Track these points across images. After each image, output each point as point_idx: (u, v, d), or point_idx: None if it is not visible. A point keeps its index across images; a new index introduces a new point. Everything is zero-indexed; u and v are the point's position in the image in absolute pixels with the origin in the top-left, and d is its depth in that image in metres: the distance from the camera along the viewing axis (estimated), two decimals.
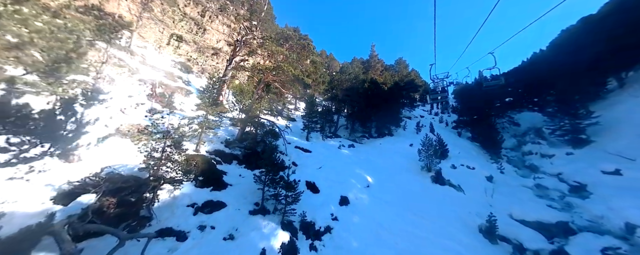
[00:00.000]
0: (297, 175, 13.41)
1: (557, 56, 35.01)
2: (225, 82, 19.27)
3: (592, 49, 29.94)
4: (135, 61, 17.52)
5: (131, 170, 6.94)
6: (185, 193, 8.06)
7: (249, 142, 13.68)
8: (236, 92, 17.77)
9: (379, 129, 28.91)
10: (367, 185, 15.20)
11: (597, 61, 29.52)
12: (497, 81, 9.62)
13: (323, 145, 20.18)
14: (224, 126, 15.30)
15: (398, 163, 19.89)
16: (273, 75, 12.87)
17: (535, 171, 22.90)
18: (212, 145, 12.18)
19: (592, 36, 30.79)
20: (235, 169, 11.22)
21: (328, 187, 13.44)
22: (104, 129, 9.24)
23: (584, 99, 28.36)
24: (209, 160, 10.30)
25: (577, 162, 21.49)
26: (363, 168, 17.39)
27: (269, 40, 12.23)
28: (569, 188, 18.01)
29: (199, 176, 9.26)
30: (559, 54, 35.13)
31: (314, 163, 15.98)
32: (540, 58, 41.52)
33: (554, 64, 34.20)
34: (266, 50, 12.43)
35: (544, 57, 40.52)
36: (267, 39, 12.35)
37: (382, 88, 33.47)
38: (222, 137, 13.66)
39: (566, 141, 25.49)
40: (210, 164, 10.17)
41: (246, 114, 13.65)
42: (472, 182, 18.09)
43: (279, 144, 16.08)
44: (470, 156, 24.79)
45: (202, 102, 11.00)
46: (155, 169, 6.89)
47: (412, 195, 15.28)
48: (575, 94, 28.20)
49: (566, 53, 33.87)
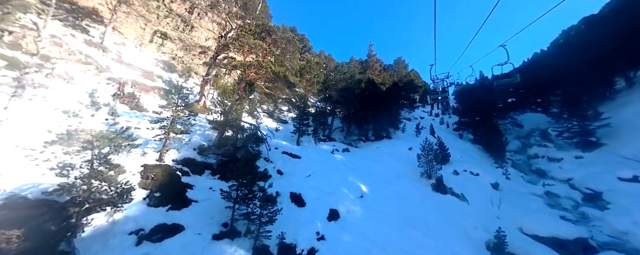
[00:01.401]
0: (281, 186, 11.90)
1: (560, 56, 33.81)
2: (208, 81, 17.78)
3: (598, 48, 28.74)
4: (107, 58, 16.01)
5: (43, 192, 5.33)
6: (131, 216, 6.53)
7: (227, 148, 12.16)
8: (221, 92, 16.31)
9: (377, 131, 27.42)
10: (360, 195, 13.67)
11: (603, 60, 28.33)
12: (511, 79, 8.14)
13: (315, 149, 18.65)
14: (201, 130, 13.79)
15: (396, 169, 18.37)
16: (254, 73, 11.43)
17: (543, 176, 21.42)
18: (182, 152, 10.65)
19: (597, 35, 29.64)
20: (206, 181, 9.68)
21: (316, 199, 11.91)
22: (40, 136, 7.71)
23: (591, 99, 27.05)
24: (172, 172, 8.78)
25: (588, 166, 20.02)
26: (357, 175, 15.86)
27: (246, 33, 10.76)
28: (583, 196, 16.52)
29: (156, 192, 7.72)
30: (562, 54, 33.94)
31: (303, 170, 14.46)
32: (541, 58, 40.28)
33: (557, 64, 32.97)
34: (242, 44, 10.99)
35: (545, 57, 39.29)
36: (244, 31, 10.88)
37: (379, 88, 32.02)
38: (196, 142, 12.13)
39: (575, 144, 24.07)
40: (173, 176, 8.65)
41: (225, 116, 12.15)
42: (476, 190, 16.58)
43: (264, 149, 14.57)
44: (473, 160, 23.30)
45: (168, 102, 9.48)
46: (77, 190, 5.36)
47: (411, 206, 13.76)
48: (583, 94, 26.88)
49: (570, 53, 32.66)
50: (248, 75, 11.62)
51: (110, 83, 13.72)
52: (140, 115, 12.35)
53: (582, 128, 24.08)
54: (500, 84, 8.69)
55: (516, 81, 8.05)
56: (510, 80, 8.25)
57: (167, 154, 9.84)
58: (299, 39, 66.66)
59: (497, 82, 8.79)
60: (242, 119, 13.07)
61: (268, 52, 11.30)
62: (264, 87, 13.44)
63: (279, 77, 11.07)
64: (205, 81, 17.79)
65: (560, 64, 32.02)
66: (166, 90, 9.82)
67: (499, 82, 8.70)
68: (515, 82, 8.21)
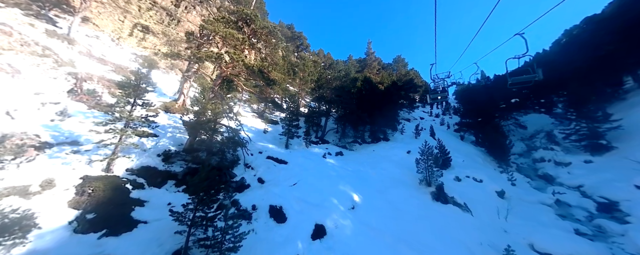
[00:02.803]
0: (260, 198, 10.38)
1: (564, 56, 32.69)
2: (188, 78, 16.22)
3: (604, 47, 27.55)
4: (73, 51, 14.41)
5: None
6: (40, 250, 4.99)
7: (198, 154, 10.62)
8: (200, 90, 14.78)
9: (373, 133, 25.93)
10: (352, 207, 12.18)
11: (610, 59, 27.11)
12: (531, 76, 6.62)
13: (304, 153, 17.13)
14: (173, 132, 12.24)
15: (392, 175, 16.88)
16: (230, 68, 9.90)
17: (551, 182, 20.00)
18: (141, 159, 9.11)
19: (603, 34, 28.46)
20: (165, 196, 8.16)
21: (299, 213, 10.40)
22: None
23: (600, 99, 25.70)
24: (118, 185, 7.24)
25: (599, 172, 18.60)
26: (350, 183, 14.36)
27: (217, 20, 9.20)
28: (596, 206, 15.09)
29: (90, 212, 6.19)
30: (565, 54, 32.80)
31: (288, 178, 12.95)
32: (544, 58, 39.08)
33: (560, 63, 31.77)
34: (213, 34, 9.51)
35: (548, 57, 38.11)
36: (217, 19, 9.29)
37: (377, 88, 30.54)
38: (163, 147, 10.58)
39: (583, 147, 22.66)
40: (119, 191, 7.12)
41: (199, 116, 10.61)
42: (480, 199, 15.12)
43: (246, 154, 13.05)
44: (475, 164, 21.85)
45: (118, 100, 7.92)
46: None
47: (408, 219, 12.28)
48: (590, 94, 25.53)
49: (574, 52, 31.48)
50: (224, 70, 10.11)
51: (70, 79, 12.14)
52: (99, 116, 10.79)
53: (591, 130, 22.68)
54: (516, 81, 7.16)
55: (538, 78, 6.54)
56: (530, 77, 6.72)
57: (117, 162, 8.28)
58: (296, 36, 65.17)
59: (512, 79, 7.25)
60: (219, 120, 11.52)
61: (243, 43, 9.77)
62: (244, 85, 11.89)
63: (254, 73, 9.59)
64: (185, 78, 16.24)
65: (564, 63, 30.88)
66: (120, 84, 8.25)
67: (515, 80, 7.16)
68: (535, 80, 6.69)
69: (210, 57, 8.72)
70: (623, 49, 26.17)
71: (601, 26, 30.18)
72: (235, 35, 8.86)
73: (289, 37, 64.15)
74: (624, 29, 26.11)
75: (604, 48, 27.76)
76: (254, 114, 23.40)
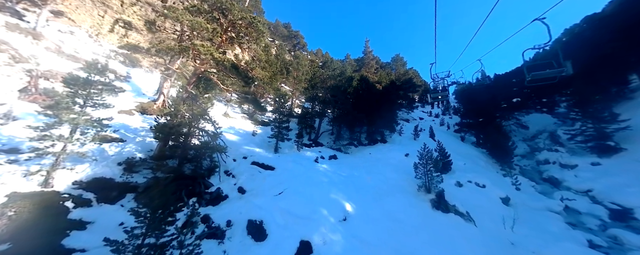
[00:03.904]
0: (238, 211, 9.16)
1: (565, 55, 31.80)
2: (168, 76, 14.97)
3: (607, 46, 26.66)
4: (38, 47, 13.13)
5: None
6: None
7: (166, 161, 9.38)
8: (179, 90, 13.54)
9: (371, 134, 24.75)
10: (343, 218, 10.98)
11: (614, 58, 26.20)
12: (558, 70, 5.40)
13: (295, 158, 15.92)
14: (143, 137, 10.98)
15: (389, 180, 15.72)
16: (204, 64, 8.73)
17: (557, 186, 18.92)
18: (96, 169, 7.85)
19: (605, 33, 27.58)
20: (116, 214, 6.91)
21: (283, 227, 9.19)
22: None
23: (605, 98, 24.71)
24: (53, 204, 6.00)
25: (609, 176, 17.52)
26: (342, 190, 13.17)
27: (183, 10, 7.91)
28: (609, 213, 13.99)
29: (5, 242, 4.94)
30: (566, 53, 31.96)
31: (274, 186, 11.73)
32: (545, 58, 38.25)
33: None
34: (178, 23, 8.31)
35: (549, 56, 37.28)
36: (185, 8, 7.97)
37: (374, 87, 29.38)
38: (129, 153, 9.34)
39: (590, 148, 21.59)
40: (53, 211, 5.88)
41: (169, 118, 9.39)
42: (484, 206, 13.99)
43: (228, 161, 11.83)
44: (477, 167, 20.74)
45: (59, 100, 6.64)
46: None
47: (406, 230, 11.10)
48: (595, 93, 24.54)
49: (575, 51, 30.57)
50: (198, 67, 8.91)
51: (27, 76, 10.86)
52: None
53: (598, 131, 21.64)
54: (538, 77, 5.92)
55: (566, 73, 5.35)
56: (555, 72, 5.49)
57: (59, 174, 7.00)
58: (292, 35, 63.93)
59: (532, 75, 5.99)
60: (195, 123, 10.29)
61: (216, 35, 8.55)
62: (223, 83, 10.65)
63: (226, 68, 8.39)
64: (164, 76, 14.99)
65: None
66: (67, 80, 6.98)
67: (537, 75, 5.90)
68: (563, 75, 5.48)
69: (171, 50, 7.53)
70: (624, 47, 25.43)
71: (602, 25, 29.51)
72: (203, 25, 7.64)
73: (286, 36, 62.87)
74: (625, 28, 25.41)
75: (605, 46, 26.97)
76: (243, 115, 22.17)
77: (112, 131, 8.28)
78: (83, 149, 7.42)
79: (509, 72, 37.07)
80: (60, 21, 17.07)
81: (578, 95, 24.89)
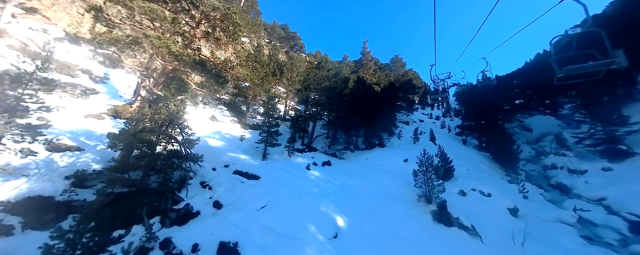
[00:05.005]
0: (209, 231, 7.90)
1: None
2: (147, 77, 13.78)
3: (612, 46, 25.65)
4: (0, 45, 11.98)
5: None
6: None
7: (135, 172, 8.15)
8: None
9: (368, 138, 23.54)
10: (334, 235, 9.72)
11: None
12: (605, 63, 4.21)
13: (284, 165, 14.68)
14: (105, 145, 9.75)
15: (387, 189, 14.48)
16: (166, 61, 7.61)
17: (567, 193, 17.67)
18: (32, 186, 6.60)
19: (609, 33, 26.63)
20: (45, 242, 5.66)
21: (262, 250, 7.93)
22: None
23: (613, 100, 23.60)
24: None
25: (623, 182, 16.30)
26: (334, 201, 11.93)
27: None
28: (629, 226, 12.74)
29: None
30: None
31: (256, 199, 10.49)
32: (546, 58, 37.26)
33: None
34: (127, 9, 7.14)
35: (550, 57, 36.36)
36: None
37: (372, 89, 28.27)
38: (83, 164, 8.10)
39: (599, 153, 20.40)
40: None
41: (131, 124, 8.18)
42: (490, 219, 12.73)
43: (206, 170, 10.58)
44: (481, 173, 19.50)
45: None
46: None
47: (405, 248, 9.83)
48: (602, 95, 23.45)
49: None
50: (165, 64, 7.78)
51: None
52: None
53: (607, 134, 20.48)
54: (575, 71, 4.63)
55: (619, 66, 4.16)
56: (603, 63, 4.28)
57: None
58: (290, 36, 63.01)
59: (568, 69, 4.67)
60: (165, 129, 9.08)
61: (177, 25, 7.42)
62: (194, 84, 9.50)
63: (186, 64, 7.28)
64: (142, 77, 13.80)
65: None
66: None
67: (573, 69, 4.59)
68: (611, 68, 4.28)
69: (118, 41, 6.40)
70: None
71: (603, 25, 28.66)
72: (158, 12, 6.52)
73: (283, 37, 62.00)
74: (626, 29, 24.49)
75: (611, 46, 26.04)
76: (233, 118, 20.96)
77: (56, 136, 7.07)
78: (18, 160, 6.19)
79: (510, 73, 36.15)
80: (33, 18, 15.95)
81: (584, 96, 23.79)
